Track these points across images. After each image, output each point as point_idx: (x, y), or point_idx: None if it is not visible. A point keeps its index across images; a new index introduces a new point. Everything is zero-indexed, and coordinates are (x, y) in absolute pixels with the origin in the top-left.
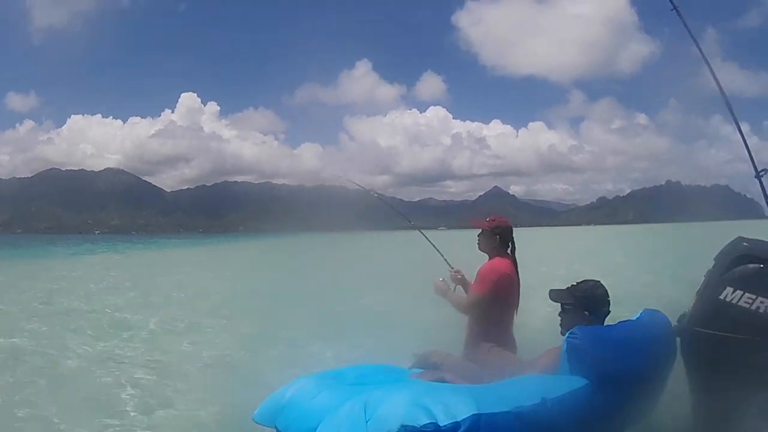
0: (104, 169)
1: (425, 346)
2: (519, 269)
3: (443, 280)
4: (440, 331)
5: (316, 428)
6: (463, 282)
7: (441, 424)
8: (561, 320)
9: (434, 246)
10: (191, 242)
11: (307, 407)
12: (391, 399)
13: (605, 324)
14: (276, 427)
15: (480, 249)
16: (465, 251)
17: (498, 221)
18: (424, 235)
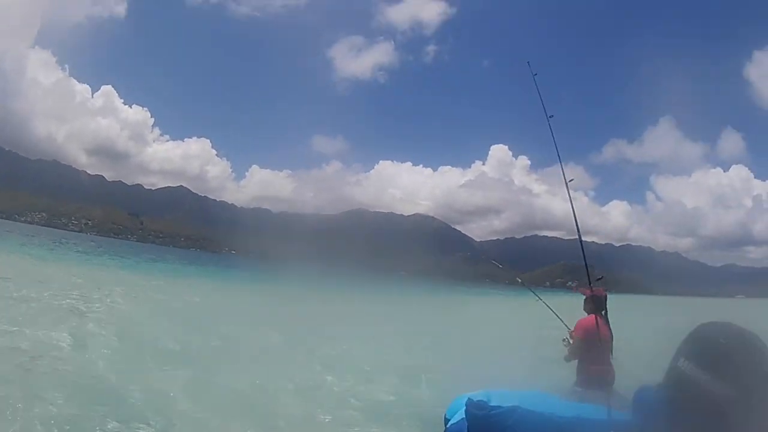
0: (413, 214)
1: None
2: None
3: (565, 339)
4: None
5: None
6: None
7: (490, 404)
8: None
9: (554, 312)
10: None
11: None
12: (486, 391)
13: None
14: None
15: (584, 309)
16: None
17: (594, 292)
18: (546, 304)
